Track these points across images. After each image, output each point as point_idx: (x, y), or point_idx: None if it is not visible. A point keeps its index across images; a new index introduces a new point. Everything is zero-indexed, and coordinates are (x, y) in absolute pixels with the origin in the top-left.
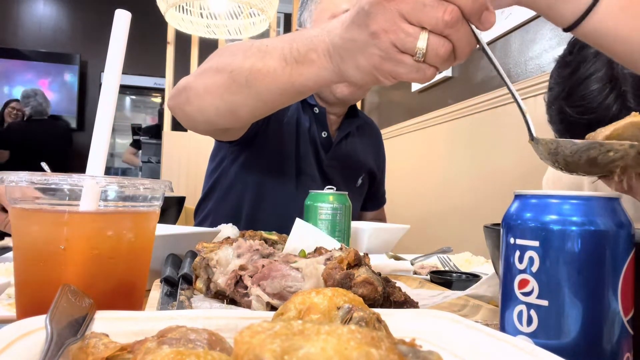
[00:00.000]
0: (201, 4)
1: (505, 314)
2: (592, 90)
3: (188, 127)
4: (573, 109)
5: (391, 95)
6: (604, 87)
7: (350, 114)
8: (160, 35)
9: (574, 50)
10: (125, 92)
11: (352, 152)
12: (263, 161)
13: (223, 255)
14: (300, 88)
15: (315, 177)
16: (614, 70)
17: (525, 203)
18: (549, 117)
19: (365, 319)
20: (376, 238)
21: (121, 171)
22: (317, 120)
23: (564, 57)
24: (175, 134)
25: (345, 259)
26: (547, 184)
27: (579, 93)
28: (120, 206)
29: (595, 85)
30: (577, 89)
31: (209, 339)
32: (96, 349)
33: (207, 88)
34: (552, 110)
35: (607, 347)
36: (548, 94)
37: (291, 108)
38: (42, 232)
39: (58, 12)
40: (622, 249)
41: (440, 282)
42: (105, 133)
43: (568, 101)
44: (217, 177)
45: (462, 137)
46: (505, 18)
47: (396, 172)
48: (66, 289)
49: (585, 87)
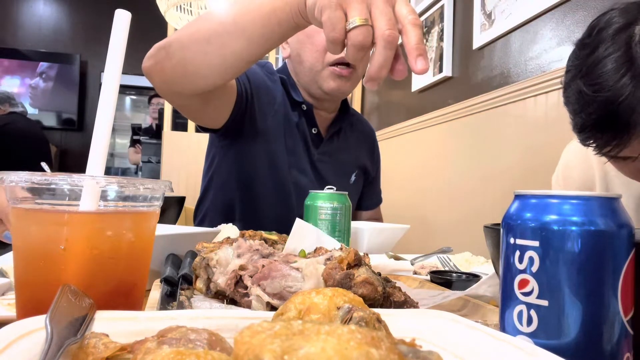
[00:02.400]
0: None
1: (505, 314)
2: (608, 70)
3: (164, 90)
4: (589, 87)
5: (391, 96)
6: (621, 67)
7: (342, 110)
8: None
9: (592, 32)
10: (125, 92)
11: (344, 147)
12: (252, 157)
13: (223, 255)
14: (280, 14)
15: (307, 172)
16: (631, 51)
17: (525, 203)
18: (565, 99)
19: (365, 319)
20: (376, 238)
21: (121, 171)
22: (306, 117)
23: (582, 39)
24: (175, 134)
25: (345, 259)
26: (557, 182)
27: (596, 72)
28: (120, 206)
29: (611, 65)
30: (594, 68)
31: (209, 339)
32: (96, 349)
33: (193, 36)
34: (569, 91)
35: (607, 347)
36: (565, 76)
37: (277, 103)
38: (42, 232)
39: (58, 12)
40: (622, 249)
41: (440, 282)
42: (105, 133)
43: (585, 80)
44: (211, 175)
45: (462, 137)
46: (505, 18)
47: (396, 172)
48: (66, 289)
49: (602, 67)
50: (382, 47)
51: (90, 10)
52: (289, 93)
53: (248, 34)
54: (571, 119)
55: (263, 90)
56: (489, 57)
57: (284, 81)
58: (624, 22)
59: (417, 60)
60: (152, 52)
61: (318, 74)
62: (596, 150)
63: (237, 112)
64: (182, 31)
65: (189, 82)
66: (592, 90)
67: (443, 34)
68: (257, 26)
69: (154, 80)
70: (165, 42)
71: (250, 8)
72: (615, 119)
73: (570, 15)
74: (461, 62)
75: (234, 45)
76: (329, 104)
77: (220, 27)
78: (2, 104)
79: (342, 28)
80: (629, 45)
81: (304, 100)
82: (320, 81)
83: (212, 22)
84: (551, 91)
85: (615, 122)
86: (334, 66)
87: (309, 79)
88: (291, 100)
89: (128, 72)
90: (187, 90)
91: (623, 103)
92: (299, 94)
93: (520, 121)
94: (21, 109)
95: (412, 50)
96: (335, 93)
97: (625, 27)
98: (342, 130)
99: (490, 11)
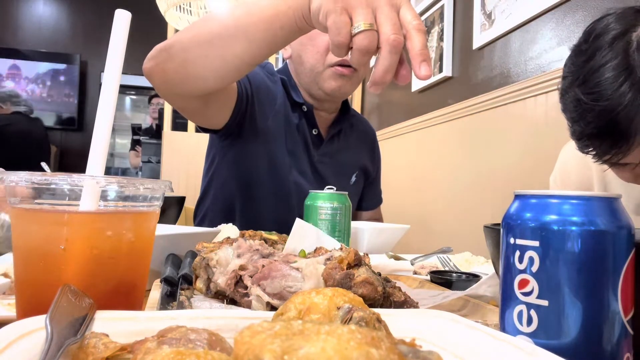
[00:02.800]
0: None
1: (505, 314)
2: (606, 78)
3: (165, 91)
4: (587, 95)
5: (391, 96)
6: (619, 75)
7: (342, 111)
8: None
9: (589, 38)
10: (125, 92)
11: (344, 148)
12: (252, 158)
13: (223, 255)
14: (283, 18)
15: (306, 173)
16: (629, 59)
17: (525, 203)
18: (562, 106)
19: (365, 319)
20: (376, 238)
21: (121, 171)
22: (307, 118)
23: (579, 45)
24: (175, 134)
25: (345, 259)
26: (555, 182)
27: (594, 80)
28: (120, 206)
29: (609, 73)
30: (592, 76)
31: (209, 339)
32: (96, 349)
33: (195, 38)
34: (566, 98)
35: (607, 347)
36: (562, 82)
37: (277, 103)
38: (42, 232)
39: (58, 12)
40: (622, 249)
41: (440, 282)
42: (105, 133)
43: (582, 88)
44: (211, 175)
45: (462, 137)
46: (505, 18)
47: (396, 172)
48: (66, 289)
49: (600, 75)
50: (387, 52)
51: (90, 10)
52: (289, 94)
53: (250, 37)
54: (569, 126)
55: (263, 91)
56: (489, 57)
57: (284, 82)
58: (621, 28)
59: (421, 66)
60: (153, 54)
61: (319, 75)
62: (595, 158)
63: (238, 113)
64: (184, 33)
65: (190, 84)
66: (590, 99)
67: (443, 34)
68: (259, 30)
69: (155, 82)
70: (166, 43)
71: (253, 11)
72: (615, 128)
73: (570, 15)
74: (461, 62)
75: (235, 48)
76: (330, 104)
77: (222, 30)
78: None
79: (347, 32)
80: (627, 52)
81: (304, 101)
82: (321, 82)
83: (214, 25)
84: (551, 91)
85: (614, 131)
86: (334, 66)
87: (309, 80)
88: (291, 101)
89: (128, 72)
90: (188, 92)
91: (622, 112)
92: (300, 94)
93: (520, 121)
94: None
95: (416, 56)
96: (337, 93)
97: (623, 34)
98: (343, 131)
99: (490, 11)
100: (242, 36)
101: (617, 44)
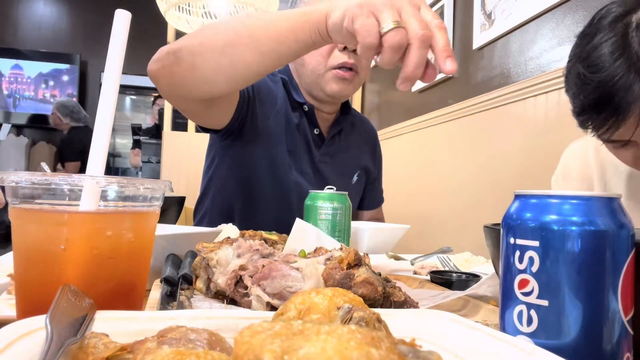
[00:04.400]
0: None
1: (505, 314)
2: (604, 53)
3: (169, 93)
4: (587, 69)
5: (391, 96)
6: (616, 50)
7: (343, 111)
8: (160, 35)
9: (593, 22)
10: (125, 92)
11: (345, 148)
12: (253, 158)
13: (223, 255)
14: (299, 32)
15: (307, 173)
16: (627, 37)
17: (525, 203)
18: (565, 86)
19: (365, 319)
20: (376, 238)
21: (121, 171)
22: (308, 118)
23: (583, 31)
24: (175, 134)
25: (345, 259)
26: (557, 183)
27: (594, 55)
28: (120, 206)
29: (607, 49)
30: (593, 52)
31: (209, 339)
32: (96, 349)
33: (205, 44)
34: (569, 77)
35: (607, 347)
36: (567, 65)
37: (278, 104)
38: (42, 232)
39: (58, 12)
40: (622, 249)
41: (440, 282)
42: (105, 133)
43: (583, 63)
44: (211, 175)
45: (462, 137)
46: (505, 18)
47: (396, 172)
48: (66, 289)
49: (600, 50)
50: (417, 47)
51: (90, 10)
52: (290, 94)
53: (263, 49)
54: (571, 104)
55: (264, 91)
56: (489, 57)
57: (285, 82)
58: (622, 10)
59: (446, 61)
60: (159, 56)
61: (321, 76)
62: (594, 132)
63: (239, 114)
64: (193, 38)
65: (197, 88)
66: (589, 72)
67: None
68: (273, 42)
69: (160, 84)
70: (174, 46)
71: (268, 23)
72: (611, 99)
73: (570, 15)
74: (461, 62)
75: (247, 58)
76: (330, 106)
77: (235, 39)
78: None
79: (376, 32)
80: (626, 32)
81: (305, 101)
82: (323, 84)
83: (228, 33)
84: (551, 91)
85: (610, 102)
86: (336, 69)
87: (311, 81)
88: (292, 101)
89: (128, 72)
90: (194, 96)
91: (617, 83)
92: (301, 94)
93: (520, 121)
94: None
95: (440, 52)
96: (337, 96)
97: (623, 15)
98: (344, 131)
99: (490, 11)
100: (255, 47)
101: (617, 24)
